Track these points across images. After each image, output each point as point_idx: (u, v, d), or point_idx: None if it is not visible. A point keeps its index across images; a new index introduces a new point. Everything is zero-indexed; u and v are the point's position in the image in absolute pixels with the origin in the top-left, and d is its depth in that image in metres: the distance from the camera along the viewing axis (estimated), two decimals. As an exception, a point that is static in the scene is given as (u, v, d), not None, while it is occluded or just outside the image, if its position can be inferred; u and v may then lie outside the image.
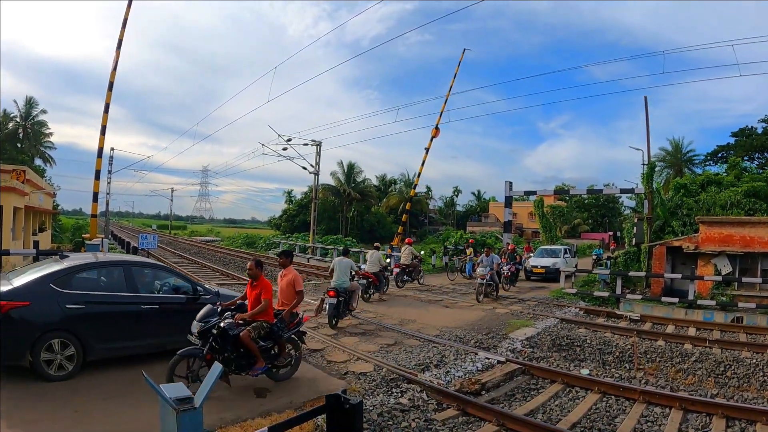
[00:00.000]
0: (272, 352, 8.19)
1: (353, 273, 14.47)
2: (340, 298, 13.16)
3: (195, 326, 7.43)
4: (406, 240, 27.63)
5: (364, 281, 16.71)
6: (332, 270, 14.09)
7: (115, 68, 20.56)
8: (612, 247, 38.77)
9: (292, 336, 8.63)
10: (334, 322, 13.00)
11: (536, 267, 27.76)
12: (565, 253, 29.64)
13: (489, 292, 19.00)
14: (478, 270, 19.00)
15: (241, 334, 7.46)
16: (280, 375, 8.50)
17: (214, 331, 7.31)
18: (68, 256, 9.18)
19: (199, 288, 9.75)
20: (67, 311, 7.83)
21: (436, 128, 30.75)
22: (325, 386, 8.27)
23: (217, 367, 5.05)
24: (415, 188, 37.96)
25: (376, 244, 20.84)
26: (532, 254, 30.99)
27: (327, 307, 13.01)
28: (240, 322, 7.62)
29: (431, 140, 31.02)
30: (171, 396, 4.54)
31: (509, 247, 25.95)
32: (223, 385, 7.78)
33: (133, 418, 6.53)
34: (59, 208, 61.26)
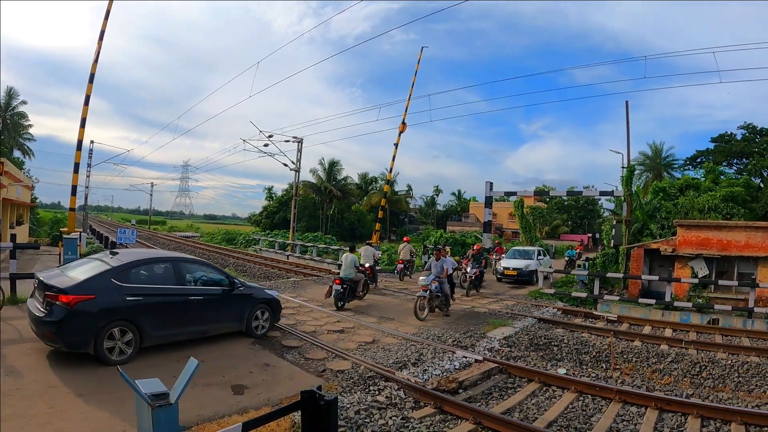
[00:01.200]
0: None
1: (357, 266, 16.58)
2: (345, 286, 15.44)
3: None
4: (405, 238, 28.91)
5: (362, 275, 17.17)
6: (361, 253, 18.82)
7: (96, 59, 20.17)
8: (578, 250, 37.46)
9: None
10: (339, 304, 15.33)
11: (508, 269, 25.83)
12: (539, 254, 28.50)
13: (439, 305, 15.11)
14: (420, 279, 14.74)
15: None
16: None
17: None
18: (118, 252, 9.95)
19: (235, 281, 10.95)
20: (126, 303, 8.75)
21: (403, 123, 30.84)
22: (302, 384, 8.19)
23: (192, 362, 4.94)
24: (388, 183, 37.85)
25: (368, 242, 23.40)
26: (504, 255, 29.08)
27: (334, 292, 15.35)
28: None
29: (399, 135, 31.08)
30: (146, 392, 4.45)
31: (474, 248, 23.09)
32: (201, 381, 7.75)
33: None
34: (37, 201, 60.44)
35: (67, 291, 8.26)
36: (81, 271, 9.18)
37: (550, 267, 25.53)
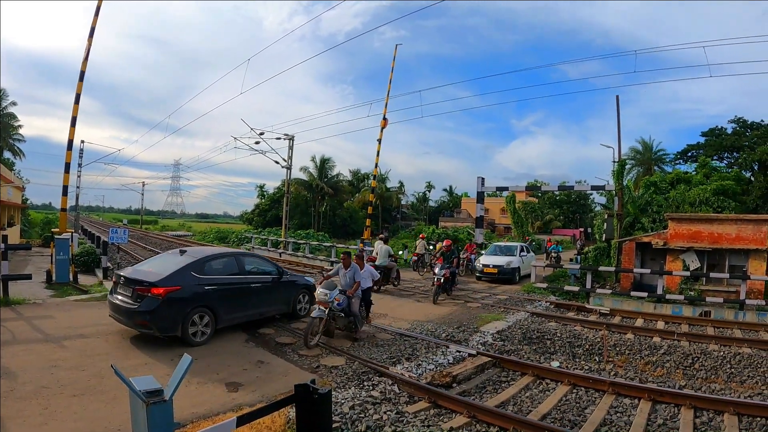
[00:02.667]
0: None
1: (392, 255, 20.16)
2: (380, 272, 18.09)
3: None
4: (420, 235, 30.62)
5: (394, 263, 20.28)
6: (376, 253, 19.91)
7: (86, 57, 20.01)
8: (549, 246, 35.11)
9: None
10: (375, 288, 16.77)
11: (487, 266, 23.87)
12: (522, 250, 25.98)
13: (346, 326, 11.46)
14: (319, 292, 10.88)
15: None
16: None
17: None
18: (186, 251, 11.60)
19: (282, 270, 12.83)
20: (204, 291, 10.28)
21: (384, 119, 30.91)
22: (296, 380, 8.09)
23: (186, 359, 4.92)
24: (375, 178, 37.88)
25: (380, 235, 24.45)
26: (483, 252, 27.15)
27: None
28: None
29: (381, 131, 31.15)
30: (140, 389, 4.43)
31: (444, 244, 19.20)
32: (196, 379, 7.76)
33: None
34: (28, 202, 60.03)
35: (158, 284, 9.63)
36: (159, 266, 10.64)
37: (533, 264, 24.77)
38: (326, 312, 10.53)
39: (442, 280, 17.18)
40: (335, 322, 11.16)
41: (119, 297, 10.11)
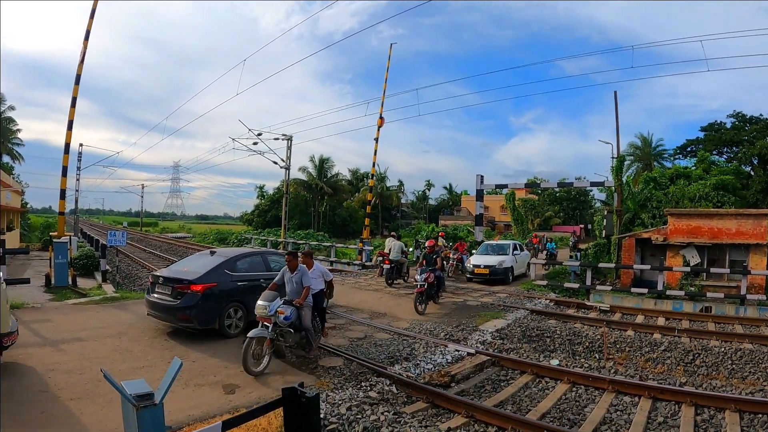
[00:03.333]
0: None
1: (404, 251, 20.82)
2: (392, 266, 19.54)
3: None
4: (440, 233, 30.87)
5: (405, 259, 20.83)
6: (389, 249, 20.55)
7: (82, 60, 19.95)
8: (534, 243, 34.03)
9: None
10: (389, 281, 19.59)
11: (478, 267, 22.39)
12: (516, 249, 24.46)
13: (298, 343, 9.50)
14: (258, 305, 9.08)
15: None
16: None
17: None
18: (216, 251, 12.63)
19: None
20: (237, 287, 11.21)
21: (381, 118, 30.89)
22: (294, 381, 8.11)
23: (176, 362, 4.87)
24: (373, 178, 37.88)
25: (392, 233, 26.09)
26: (475, 251, 25.72)
27: (384, 270, 19.67)
28: None
29: (378, 130, 31.15)
30: (131, 392, 4.39)
31: (427, 245, 16.91)
32: (193, 381, 7.72)
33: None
34: (28, 206, 59.94)
35: (196, 281, 10.49)
36: (194, 266, 11.60)
37: (532, 261, 24.47)
38: (270, 329, 8.85)
39: (425, 286, 14.77)
40: (284, 340, 9.28)
41: (157, 295, 11.03)
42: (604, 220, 26.70)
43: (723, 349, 11.14)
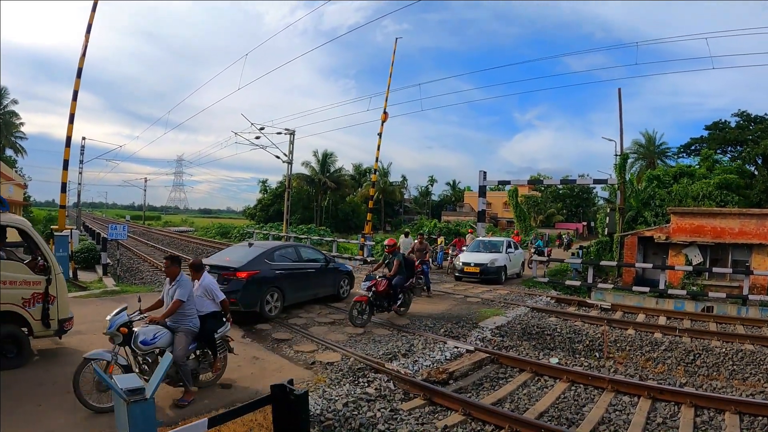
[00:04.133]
0: None
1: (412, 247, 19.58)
2: None
3: None
4: (469, 230, 30.47)
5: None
6: (399, 246, 18.97)
7: (84, 53, 19.90)
8: (515, 240, 32.23)
9: None
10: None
11: (468, 265, 20.99)
12: (510, 246, 22.88)
13: (177, 378, 6.99)
14: (105, 323, 6.68)
15: None
16: None
17: None
18: (253, 243, 14.10)
19: (329, 259, 15.44)
20: (276, 275, 12.76)
21: (385, 113, 30.83)
22: (291, 376, 8.05)
23: (167, 357, 4.83)
24: (375, 173, 37.79)
25: (405, 230, 26.94)
26: (465, 248, 24.05)
27: None
28: None
29: (381, 124, 31.09)
30: (122, 387, 4.36)
31: (387, 243, 14.51)
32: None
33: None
34: (31, 199, 60.02)
35: (242, 269, 11.99)
36: (235, 256, 13.11)
37: (534, 258, 23.98)
38: (113, 351, 6.53)
39: (370, 296, 12.42)
40: (147, 369, 6.75)
41: None
42: (607, 218, 26.63)
43: (724, 350, 11.07)
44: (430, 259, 19.52)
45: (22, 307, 7.98)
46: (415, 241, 18.26)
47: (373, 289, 12.48)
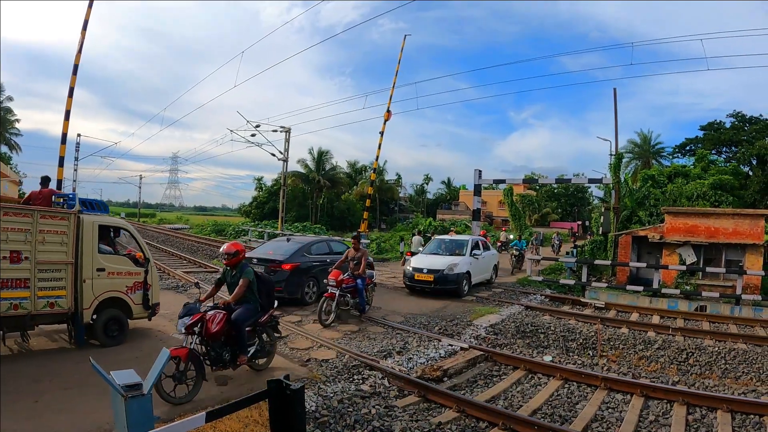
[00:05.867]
0: None
1: (423, 245, 21.35)
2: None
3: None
4: (482, 231, 28.98)
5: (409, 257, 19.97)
6: (412, 242, 22.32)
7: (80, 50, 19.90)
8: (489, 236, 30.34)
9: None
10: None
11: (420, 271, 16.72)
12: (477, 247, 18.68)
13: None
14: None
15: None
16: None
17: None
18: (290, 238, 15.64)
19: None
20: (312, 266, 14.45)
21: (388, 111, 30.89)
22: (286, 373, 8.10)
23: (164, 353, 4.84)
24: (375, 171, 37.86)
25: (417, 229, 28.29)
26: (421, 250, 20.52)
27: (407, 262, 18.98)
28: None
29: (384, 123, 31.18)
30: (119, 382, 4.36)
31: (353, 245, 13.31)
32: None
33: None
34: (25, 196, 59.79)
35: (285, 262, 13.68)
36: (276, 249, 14.83)
37: (495, 264, 20.54)
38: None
39: (336, 293, 11.79)
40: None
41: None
42: (602, 217, 26.68)
43: (717, 349, 11.13)
44: (373, 272, 14.56)
45: (125, 294, 9.53)
46: (350, 247, 13.61)
47: (342, 285, 11.97)
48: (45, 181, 10.60)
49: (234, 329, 7.61)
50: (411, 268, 17.25)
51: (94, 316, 9.02)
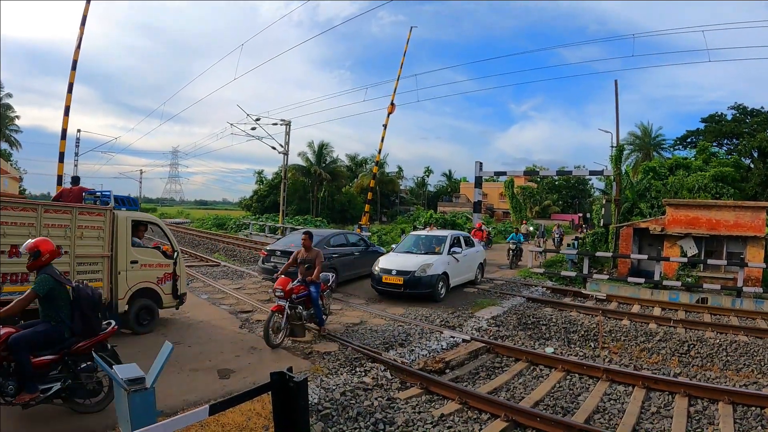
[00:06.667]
0: None
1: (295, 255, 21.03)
2: None
3: None
4: (479, 224, 29.69)
5: None
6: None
7: (79, 46, 19.86)
8: (477, 235, 25.63)
9: None
10: None
11: (388, 273, 14.58)
12: (457, 243, 16.61)
13: None
14: None
15: None
16: None
17: None
18: (311, 231, 13.57)
19: (369, 243, 18.76)
20: (332, 257, 15.49)
21: (392, 104, 30.83)
22: (289, 365, 8.11)
23: (167, 346, 4.85)
24: (377, 165, 37.80)
25: (433, 225, 28.55)
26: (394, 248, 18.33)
27: None
28: None
29: (388, 116, 31.13)
30: (122, 377, 4.38)
31: (303, 243, 11.01)
32: (188, 366, 7.73)
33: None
34: (27, 192, 59.71)
35: None
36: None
37: (481, 263, 18.44)
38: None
39: (285, 305, 9.66)
40: None
41: (273, 264, 15.06)
42: (603, 209, 26.65)
43: (718, 341, 11.14)
44: (330, 275, 11.90)
45: (156, 284, 10.16)
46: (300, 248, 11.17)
47: (291, 295, 9.88)
48: (75, 180, 11.37)
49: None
50: (378, 269, 14.99)
51: (127, 306, 9.60)
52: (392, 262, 15.15)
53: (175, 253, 10.60)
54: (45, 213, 8.42)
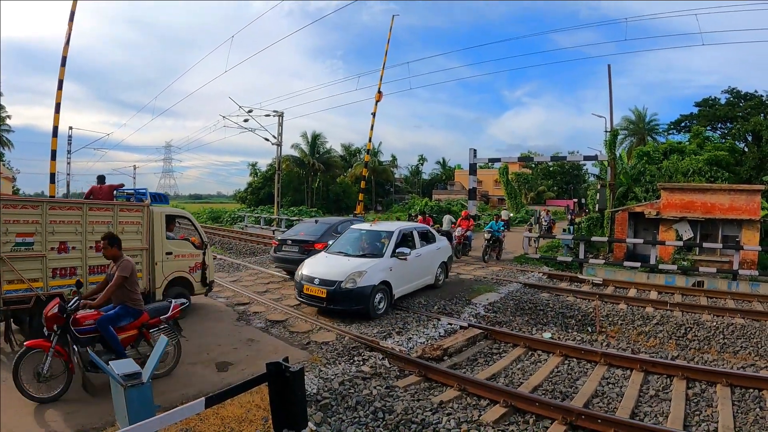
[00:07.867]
0: None
1: (453, 223, 23.19)
2: (443, 234, 17.96)
3: None
4: (464, 212, 28.71)
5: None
6: (443, 221, 23.72)
7: (67, 42, 19.67)
8: (464, 224, 22.89)
9: None
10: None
11: (311, 282, 11.16)
12: (404, 241, 12.97)
13: None
14: None
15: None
16: None
17: None
18: (318, 220, 16.76)
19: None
20: None
21: (379, 92, 30.75)
22: (285, 356, 8.10)
23: (163, 340, 4.82)
24: (368, 153, 37.69)
25: (448, 213, 29.64)
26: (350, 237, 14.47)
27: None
28: None
29: (376, 104, 31.02)
30: (118, 372, 4.35)
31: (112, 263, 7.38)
32: (186, 360, 7.69)
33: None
34: (20, 192, 59.36)
35: (317, 241, 14.83)
36: (307, 230, 16.21)
37: (444, 261, 14.68)
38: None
39: (53, 342, 6.38)
40: None
41: (285, 252, 15.48)
42: (598, 194, 26.63)
43: (715, 324, 11.16)
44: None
45: (188, 273, 10.98)
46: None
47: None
48: (101, 178, 11.89)
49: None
50: (300, 276, 11.70)
51: (163, 295, 10.19)
52: (318, 266, 11.75)
53: (204, 245, 11.42)
54: (89, 211, 8.97)
